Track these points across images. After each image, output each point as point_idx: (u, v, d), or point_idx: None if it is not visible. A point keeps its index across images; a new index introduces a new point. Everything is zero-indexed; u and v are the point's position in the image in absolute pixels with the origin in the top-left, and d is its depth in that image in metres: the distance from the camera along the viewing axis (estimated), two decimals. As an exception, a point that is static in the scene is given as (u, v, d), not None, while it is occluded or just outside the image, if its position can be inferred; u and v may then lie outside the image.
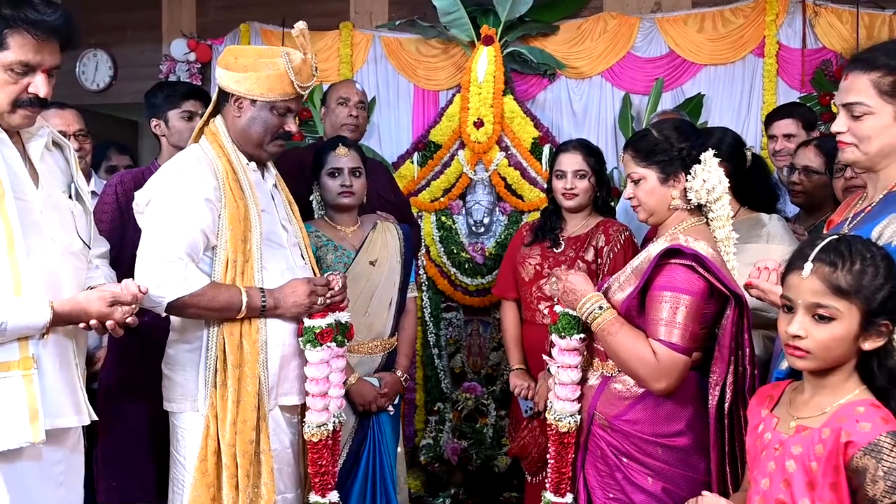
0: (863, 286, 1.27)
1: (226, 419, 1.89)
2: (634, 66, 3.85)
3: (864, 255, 1.29)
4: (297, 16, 4.22)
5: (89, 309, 1.64)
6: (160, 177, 1.98)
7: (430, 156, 3.79)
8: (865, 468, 1.21)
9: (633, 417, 1.77)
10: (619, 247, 2.52)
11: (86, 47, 4.72)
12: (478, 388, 3.69)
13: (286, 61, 1.93)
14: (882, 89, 1.48)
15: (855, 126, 1.52)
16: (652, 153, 1.81)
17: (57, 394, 1.64)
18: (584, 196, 2.60)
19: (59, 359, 1.66)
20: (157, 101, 2.61)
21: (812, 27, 3.63)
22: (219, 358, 1.92)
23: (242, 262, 1.94)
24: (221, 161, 1.98)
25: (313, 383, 1.99)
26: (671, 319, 1.66)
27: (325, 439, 2.01)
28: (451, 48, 4.03)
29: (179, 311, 1.89)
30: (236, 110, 2.00)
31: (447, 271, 3.76)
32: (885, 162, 1.53)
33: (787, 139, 2.89)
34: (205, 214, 1.91)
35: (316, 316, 1.98)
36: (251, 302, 1.90)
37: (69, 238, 1.72)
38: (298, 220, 2.20)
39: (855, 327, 1.29)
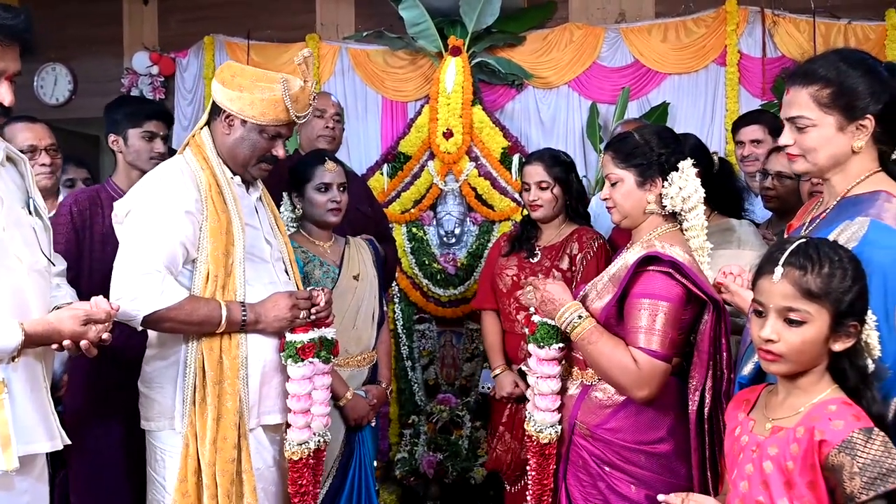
0: (832, 289, 1.29)
1: (205, 437, 1.84)
2: (600, 76, 3.91)
3: (832, 257, 1.31)
4: (261, 28, 4.28)
5: (62, 329, 1.58)
6: (141, 187, 1.93)
7: (400, 167, 3.77)
8: (841, 465, 1.23)
9: (615, 426, 1.77)
10: (591, 254, 2.54)
11: (44, 61, 4.64)
12: (452, 399, 3.67)
13: (284, 88, 1.90)
14: (821, 102, 1.52)
15: (800, 138, 1.56)
16: (631, 156, 1.82)
17: (28, 419, 1.58)
18: (549, 206, 2.62)
19: (29, 382, 1.60)
20: (117, 118, 2.52)
21: (771, 36, 3.72)
22: (197, 375, 1.87)
23: (224, 276, 1.90)
24: (205, 173, 1.94)
25: (294, 400, 1.95)
26: (650, 326, 1.67)
27: (306, 458, 1.97)
28: (418, 59, 4.03)
29: (156, 324, 1.84)
30: (226, 127, 1.96)
31: (419, 283, 3.74)
32: (835, 170, 1.57)
33: (754, 144, 2.95)
34: (185, 226, 1.86)
35: (298, 330, 1.95)
36: (231, 316, 1.86)
37: (34, 256, 1.66)
38: (284, 235, 2.16)
39: (825, 330, 1.30)
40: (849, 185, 1.56)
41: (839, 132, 1.53)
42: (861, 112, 1.51)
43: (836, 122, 1.52)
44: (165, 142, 2.54)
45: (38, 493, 1.67)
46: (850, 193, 1.55)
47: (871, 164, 1.56)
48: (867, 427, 1.24)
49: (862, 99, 1.50)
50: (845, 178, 1.56)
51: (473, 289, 3.59)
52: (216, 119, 1.98)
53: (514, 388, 2.58)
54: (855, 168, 1.55)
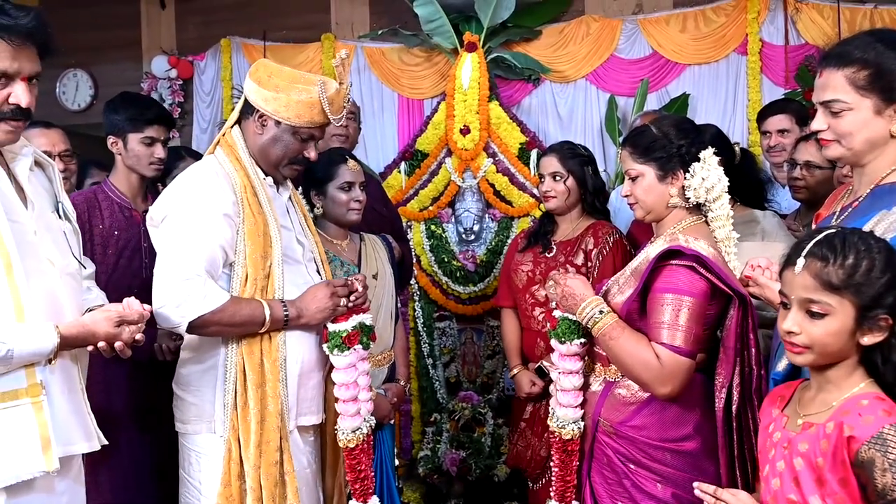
0: (855, 281, 1.25)
1: (249, 441, 1.83)
2: (618, 68, 3.86)
3: (858, 248, 1.27)
4: (277, 29, 4.29)
5: (97, 330, 1.59)
6: (176, 190, 1.91)
7: (418, 165, 3.77)
8: (872, 461, 1.20)
9: (640, 423, 1.74)
10: (607, 249, 2.50)
11: (65, 67, 4.69)
12: (474, 397, 3.65)
13: (321, 90, 1.88)
14: (858, 84, 1.46)
15: (835, 123, 1.50)
16: (650, 149, 1.78)
17: (66, 420, 1.59)
18: (562, 198, 2.58)
19: (66, 384, 1.60)
20: (118, 120, 2.47)
21: (794, 23, 3.65)
22: (238, 378, 1.86)
23: (263, 278, 1.88)
24: (239, 175, 1.92)
25: (343, 388, 1.94)
26: (674, 322, 1.64)
27: (361, 444, 1.97)
28: (434, 56, 4.02)
29: (201, 329, 1.82)
30: (259, 127, 1.94)
31: (439, 280, 3.73)
32: (871, 156, 1.51)
33: (780, 134, 2.89)
34: (224, 230, 1.85)
35: (339, 319, 1.94)
36: (274, 314, 1.85)
37: (65, 259, 1.67)
38: (314, 234, 2.15)
39: (850, 322, 1.27)
40: (883, 173, 1.50)
41: (877, 116, 1.47)
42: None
43: (874, 106, 1.47)
44: (165, 146, 2.51)
45: (75, 495, 1.68)
46: (884, 181, 1.50)
47: None
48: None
49: None
50: (879, 165, 1.51)
51: (493, 285, 3.58)
52: (248, 118, 1.96)
53: (532, 387, 2.56)
54: (890, 155, 1.50)
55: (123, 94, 2.61)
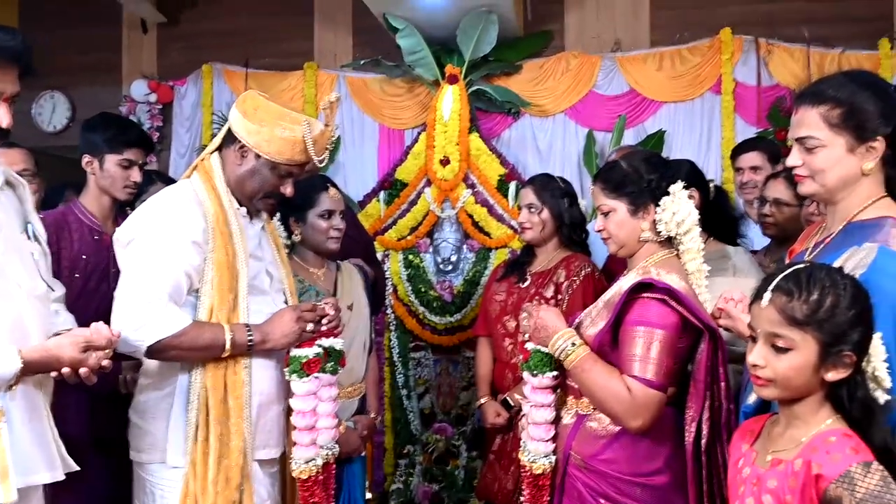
0: (819, 317, 1.26)
1: (206, 476, 1.79)
2: (597, 104, 3.92)
3: (824, 284, 1.28)
4: (260, 56, 4.30)
5: (61, 356, 1.54)
6: (146, 213, 1.88)
7: (397, 194, 3.78)
8: (840, 499, 1.19)
9: (610, 457, 1.73)
10: (577, 283, 2.49)
11: (42, 88, 4.65)
12: (448, 429, 3.62)
13: (306, 130, 1.87)
14: (832, 122, 1.50)
15: (809, 159, 1.53)
16: (621, 185, 1.80)
17: (28, 448, 1.54)
18: (537, 230, 2.59)
19: (28, 411, 1.56)
20: (95, 139, 2.42)
21: (766, 65, 3.74)
22: (201, 410, 1.82)
23: (228, 311, 1.85)
24: (213, 203, 1.89)
25: (300, 416, 1.90)
26: (645, 355, 1.64)
27: (314, 476, 1.92)
28: (415, 87, 4.05)
29: (161, 353, 1.79)
30: (238, 157, 1.92)
31: (415, 310, 3.71)
32: (843, 193, 1.54)
33: (753, 171, 2.94)
34: (191, 256, 1.83)
35: (304, 345, 1.91)
36: (237, 339, 1.82)
37: (33, 281, 1.64)
38: (285, 265, 2.12)
39: (813, 358, 1.27)
40: (855, 210, 1.53)
41: (849, 153, 1.50)
42: (871, 133, 1.49)
43: (847, 143, 1.50)
44: (142, 169, 2.47)
45: None
46: (856, 218, 1.53)
47: (878, 189, 1.53)
48: (866, 461, 1.21)
49: (872, 120, 1.48)
50: (852, 202, 1.54)
51: (470, 316, 3.57)
52: (228, 147, 1.95)
53: (496, 417, 2.55)
54: (862, 192, 1.53)
55: (103, 115, 2.58)
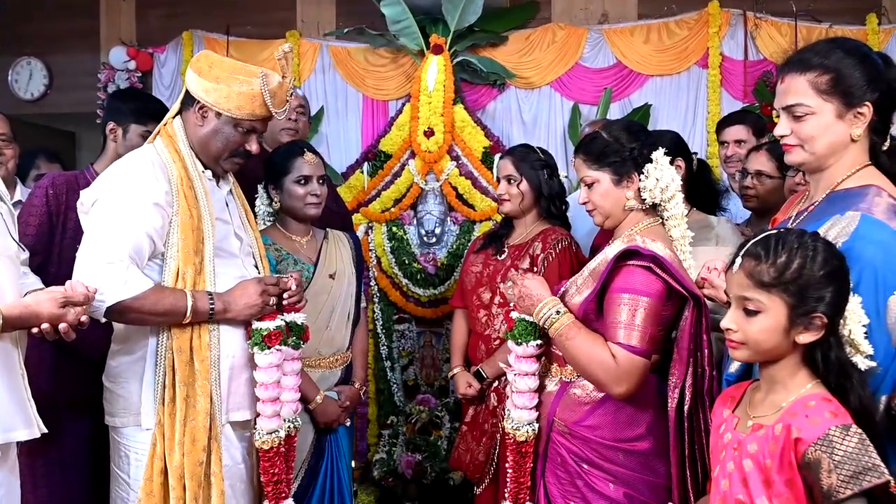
0: (786, 279, 1.28)
1: (173, 438, 1.80)
2: (583, 77, 3.89)
3: (792, 247, 1.30)
4: (241, 24, 4.23)
5: (40, 311, 1.53)
6: (109, 176, 1.87)
7: (381, 166, 3.74)
8: (818, 462, 1.21)
9: (594, 423, 1.74)
10: (553, 255, 2.44)
11: (19, 55, 4.55)
12: (431, 400, 3.63)
13: (263, 83, 1.85)
14: (820, 88, 1.50)
15: (798, 127, 1.53)
16: (603, 155, 1.79)
17: (5, 405, 1.54)
18: (516, 202, 2.53)
19: (5, 368, 1.55)
20: (122, 108, 2.46)
21: (753, 39, 3.73)
22: (167, 373, 1.83)
23: (194, 273, 1.85)
24: (176, 166, 1.89)
25: (263, 388, 1.91)
26: (630, 322, 1.65)
27: (276, 447, 1.94)
28: (400, 57, 4.00)
29: (120, 315, 1.78)
30: (199, 118, 1.91)
31: (399, 282, 3.70)
32: (831, 160, 1.54)
33: (737, 145, 2.95)
34: (153, 218, 1.81)
35: (266, 318, 1.91)
36: (197, 305, 1.81)
37: (4, 241, 1.62)
38: (255, 230, 2.12)
39: (783, 320, 1.29)
40: (839, 179, 1.53)
41: (838, 120, 1.50)
42: (859, 99, 1.49)
43: (835, 110, 1.50)
44: None
45: (11, 487, 1.63)
46: (839, 187, 1.53)
47: (863, 157, 1.54)
48: (844, 424, 1.23)
49: (860, 85, 1.48)
50: (836, 170, 1.54)
51: (453, 288, 3.56)
52: (189, 109, 1.93)
53: (467, 388, 2.54)
54: (847, 160, 1.53)
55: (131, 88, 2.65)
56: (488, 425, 2.49)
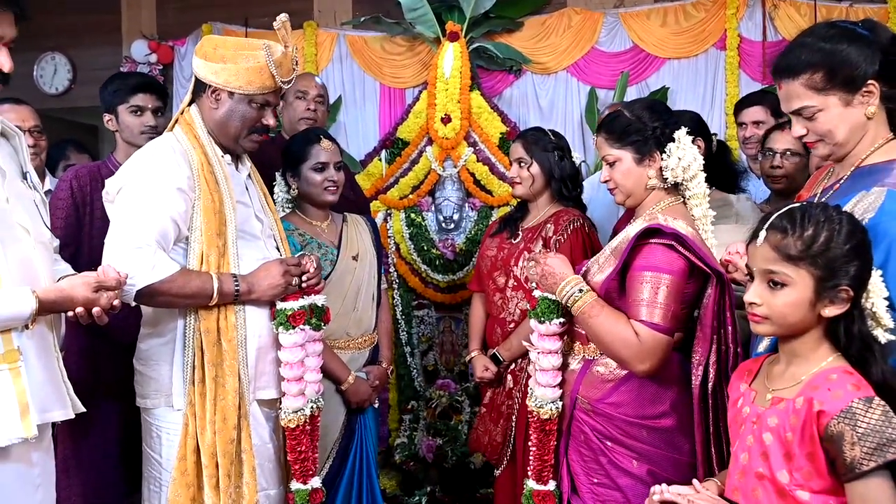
0: (813, 251, 1.28)
1: (204, 417, 1.85)
2: (599, 61, 3.88)
3: (818, 220, 1.29)
4: (259, 15, 4.25)
5: (75, 295, 1.58)
6: (132, 165, 1.92)
7: (398, 153, 3.77)
8: (841, 435, 1.21)
9: (617, 400, 1.76)
10: (565, 237, 2.44)
11: (44, 50, 4.61)
12: (451, 385, 3.67)
13: (267, 54, 1.89)
14: (817, 87, 1.50)
15: (812, 126, 1.53)
16: (626, 134, 1.80)
17: (43, 387, 1.58)
18: (527, 184, 2.54)
19: (42, 350, 1.60)
20: (105, 97, 2.52)
21: (772, 20, 3.69)
22: (196, 354, 1.87)
23: (217, 255, 1.89)
24: (196, 152, 1.93)
25: (287, 367, 1.96)
26: (652, 299, 1.66)
27: (302, 425, 1.98)
28: (416, 45, 4.01)
29: (149, 299, 1.83)
30: (213, 102, 1.95)
31: (418, 268, 3.73)
32: (854, 141, 1.54)
33: (756, 126, 2.92)
34: (177, 203, 1.85)
35: (289, 298, 1.95)
36: (223, 287, 1.85)
37: (38, 228, 1.67)
38: (273, 212, 2.16)
39: (809, 293, 1.29)
40: (863, 154, 1.54)
41: (847, 107, 1.50)
42: (861, 80, 1.48)
43: (841, 99, 1.50)
44: (158, 114, 2.52)
45: (47, 468, 1.67)
46: (864, 163, 1.53)
47: (884, 130, 1.54)
48: (868, 396, 1.23)
49: (857, 68, 1.47)
50: (860, 147, 1.54)
51: (472, 274, 3.59)
52: (202, 95, 1.97)
53: (484, 371, 2.55)
54: (869, 137, 1.53)
55: (113, 74, 2.66)
56: (505, 407, 2.52)
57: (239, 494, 1.87)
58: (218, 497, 1.84)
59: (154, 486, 1.94)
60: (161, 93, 2.57)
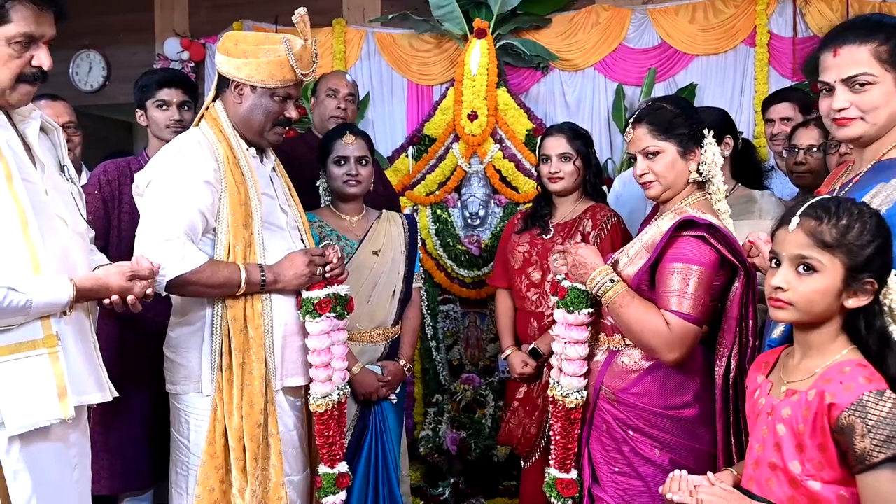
0: (847, 241, 1.28)
1: (232, 402, 1.90)
2: (627, 58, 3.88)
3: (851, 212, 1.30)
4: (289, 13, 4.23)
5: (110, 284, 1.64)
6: (160, 159, 1.98)
7: (425, 149, 3.80)
8: (852, 426, 1.22)
9: (641, 390, 1.78)
10: (605, 232, 2.48)
11: (79, 48, 4.73)
12: (476, 379, 3.69)
13: (287, 48, 1.94)
14: (882, 58, 1.48)
15: (859, 99, 1.50)
16: (672, 126, 1.81)
17: (80, 370, 1.64)
18: (570, 179, 2.57)
19: (79, 336, 1.66)
20: (136, 94, 2.59)
21: (802, 16, 3.66)
22: (224, 341, 1.92)
23: (244, 246, 1.94)
24: (222, 145, 1.98)
25: (315, 354, 2.00)
26: (683, 290, 1.67)
27: (330, 410, 2.03)
28: (444, 42, 4.05)
29: (179, 289, 1.88)
30: (237, 97, 2.00)
31: (444, 264, 3.76)
32: (886, 130, 1.53)
33: (784, 122, 2.91)
34: (204, 195, 1.91)
35: (314, 287, 1.99)
36: (250, 277, 1.90)
37: (75, 218, 1.73)
38: (298, 205, 2.21)
39: (838, 282, 1.29)
40: (885, 149, 1.53)
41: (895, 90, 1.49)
42: None
43: (894, 80, 1.49)
44: (185, 108, 2.56)
45: (83, 448, 1.74)
46: (885, 157, 1.53)
47: None
48: (879, 389, 1.23)
49: None
50: (883, 142, 1.54)
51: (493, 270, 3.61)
52: (225, 91, 2.02)
53: (524, 367, 2.56)
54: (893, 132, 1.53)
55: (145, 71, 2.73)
56: (541, 399, 2.52)
57: (266, 477, 1.92)
58: (245, 479, 1.89)
59: (181, 470, 2.00)
60: (188, 87, 2.62)
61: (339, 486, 2.06)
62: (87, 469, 1.76)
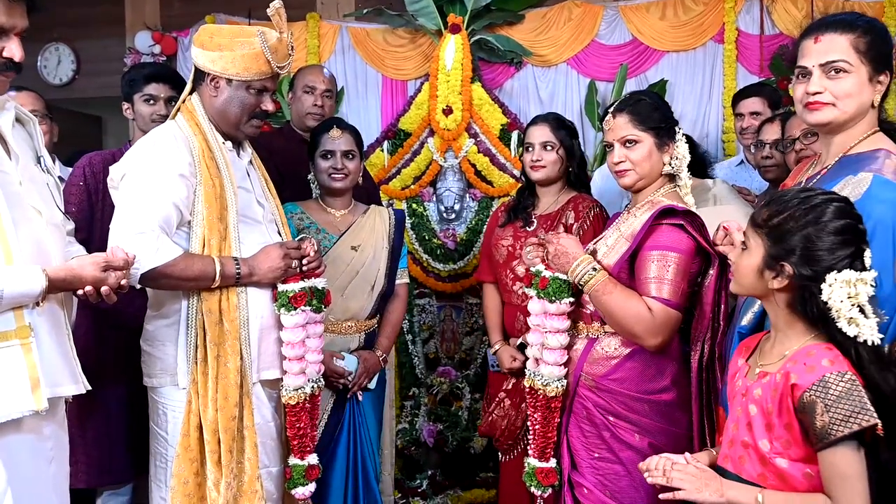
0: (770, 224, 1.36)
1: (206, 395, 1.90)
2: (599, 54, 3.92)
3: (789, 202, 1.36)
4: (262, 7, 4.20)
5: (83, 274, 1.63)
6: (134, 152, 1.97)
7: (400, 144, 3.82)
8: (813, 405, 1.27)
9: (622, 376, 1.82)
10: (588, 223, 2.50)
11: (48, 41, 4.63)
12: (452, 372, 3.72)
13: (262, 41, 1.93)
14: (859, 49, 1.55)
15: (833, 85, 1.57)
16: (650, 118, 1.86)
17: (54, 362, 1.63)
18: (553, 168, 2.58)
19: (53, 327, 1.64)
20: (124, 87, 2.59)
21: (769, 14, 3.73)
22: (199, 334, 1.92)
23: (219, 239, 1.94)
24: (197, 139, 1.98)
25: (289, 347, 2.00)
26: (662, 276, 1.73)
27: (302, 402, 2.03)
28: (418, 38, 4.06)
29: (154, 282, 1.88)
30: (212, 90, 2.00)
31: (419, 258, 3.78)
32: (852, 123, 1.60)
33: (753, 117, 2.99)
34: (178, 188, 1.90)
35: (289, 280, 2.00)
36: (224, 270, 1.90)
37: (50, 210, 1.71)
38: (275, 198, 2.21)
39: (758, 261, 1.38)
40: (851, 144, 1.59)
41: (868, 83, 1.57)
42: (884, 67, 1.56)
43: (868, 73, 1.56)
44: (172, 103, 2.52)
45: (60, 441, 1.72)
46: (851, 151, 1.59)
47: (874, 124, 1.60)
48: (840, 371, 1.28)
49: (886, 54, 1.56)
50: (849, 135, 1.60)
51: (473, 264, 3.64)
52: (201, 84, 2.02)
53: (513, 362, 2.58)
54: (862, 125, 1.59)
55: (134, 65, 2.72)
56: None
57: (241, 470, 1.92)
58: (220, 472, 1.89)
59: (160, 462, 1.99)
60: (176, 82, 2.61)
61: (308, 478, 2.07)
62: (65, 463, 1.75)
